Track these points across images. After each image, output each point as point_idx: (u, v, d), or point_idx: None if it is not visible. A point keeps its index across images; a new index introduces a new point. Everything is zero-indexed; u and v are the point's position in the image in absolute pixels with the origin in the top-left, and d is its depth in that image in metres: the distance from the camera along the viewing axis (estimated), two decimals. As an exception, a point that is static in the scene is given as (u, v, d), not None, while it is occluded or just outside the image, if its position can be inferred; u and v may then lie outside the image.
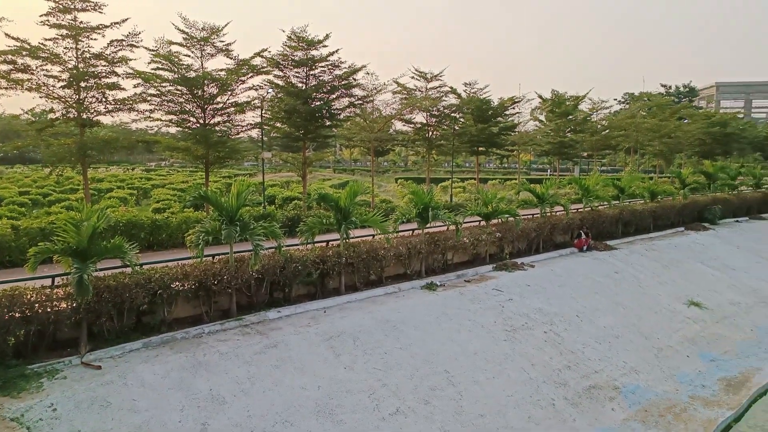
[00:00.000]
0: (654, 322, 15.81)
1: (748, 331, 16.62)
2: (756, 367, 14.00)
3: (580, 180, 23.54)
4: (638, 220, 23.59)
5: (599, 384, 12.07)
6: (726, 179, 31.39)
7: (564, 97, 36.28)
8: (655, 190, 25.61)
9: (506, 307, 14.14)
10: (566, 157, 39.55)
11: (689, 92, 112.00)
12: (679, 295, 18.06)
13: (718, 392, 12.51)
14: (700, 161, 46.24)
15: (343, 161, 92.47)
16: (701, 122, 45.81)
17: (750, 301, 19.09)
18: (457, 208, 21.01)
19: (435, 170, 53.33)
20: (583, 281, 16.96)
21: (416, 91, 25.89)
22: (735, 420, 11.60)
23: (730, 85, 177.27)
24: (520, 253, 18.64)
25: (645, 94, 55.37)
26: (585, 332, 14.15)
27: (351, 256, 13.45)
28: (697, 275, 20.06)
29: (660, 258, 20.60)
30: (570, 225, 20.32)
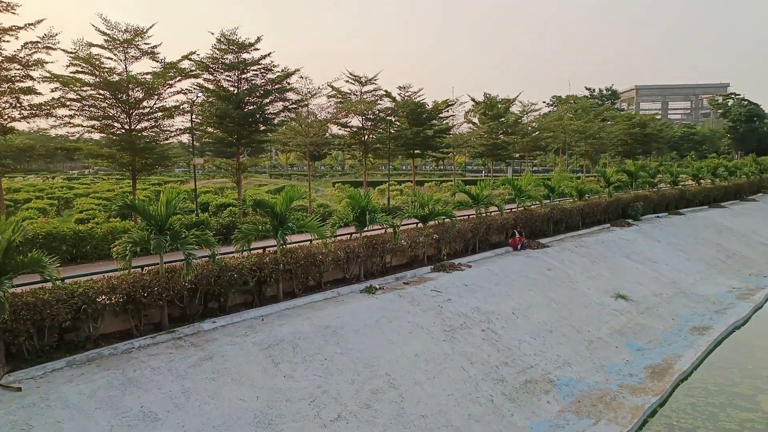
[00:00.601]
0: (585, 316, 16.44)
1: (670, 321, 17.58)
2: (677, 354, 14.81)
3: (513, 181, 24.20)
4: (568, 218, 24.49)
5: (535, 378, 12.42)
6: (646, 177, 33.12)
7: (496, 100, 37.30)
8: (583, 189, 26.69)
9: (445, 308, 14.31)
10: (499, 158, 40.65)
11: (611, 95, 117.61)
12: (607, 288, 18.86)
13: (644, 380, 13.15)
14: (622, 161, 48.74)
15: (280, 166, 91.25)
16: (623, 123, 48.32)
17: (671, 291, 20.19)
18: (394, 210, 21.13)
19: (372, 173, 53.54)
20: (518, 279, 17.42)
21: (351, 95, 25.92)
22: (660, 405, 12.22)
23: (648, 88, 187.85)
24: (458, 254, 18.95)
25: (571, 97, 57.83)
26: (521, 328, 14.53)
27: (289, 263, 13.25)
28: (623, 269, 21.02)
29: (588, 254, 21.46)
30: (504, 225, 20.84)
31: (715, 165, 42.85)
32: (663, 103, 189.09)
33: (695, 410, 12.08)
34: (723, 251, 26.92)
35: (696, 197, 35.44)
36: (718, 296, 20.64)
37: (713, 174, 40.45)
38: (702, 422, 11.54)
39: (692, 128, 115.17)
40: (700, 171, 39.88)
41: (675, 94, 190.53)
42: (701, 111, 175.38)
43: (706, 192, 36.78)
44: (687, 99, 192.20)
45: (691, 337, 16.31)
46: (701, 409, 12.12)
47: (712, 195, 37.19)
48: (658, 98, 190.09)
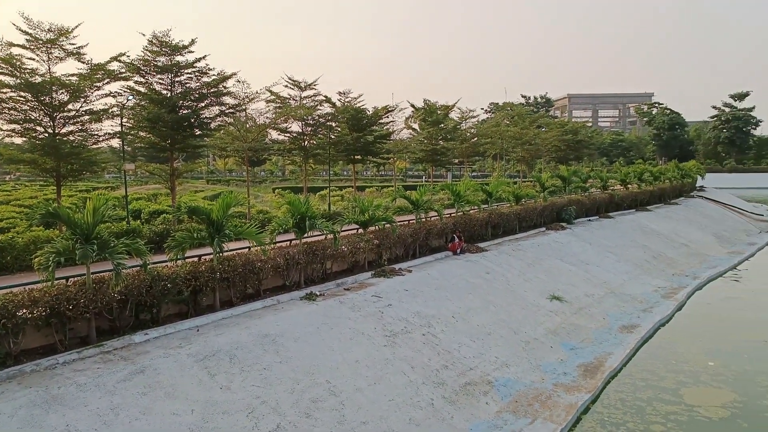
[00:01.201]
0: (522, 317, 16.86)
1: (601, 320, 18.29)
2: (608, 352, 15.42)
3: (452, 186, 24.59)
4: (506, 223, 25.11)
5: (474, 380, 12.62)
6: (578, 182, 34.47)
7: (435, 107, 37.89)
8: (519, 194, 27.46)
9: (386, 313, 14.33)
10: (439, 164, 41.27)
11: (546, 102, 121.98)
12: (543, 290, 19.43)
13: (577, 378, 13.60)
14: (557, 166, 50.54)
15: (217, 172, 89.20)
16: (556, 130, 50.19)
17: (602, 292, 21.04)
18: (335, 216, 21.02)
19: (313, 179, 53.16)
20: (457, 283, 17.67)
21: (290, 100, 25.65)
22: (592, 402, 12.66)
23: (580, 96, 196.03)
24: (398, 259, 19.05)
25: (508, 104, 59.52)
26: (460, 332, 14.73)
27: (226, 271, 12.93)
28: (558, 271, 21.72)
29: (525, 257, 22.06)
30: (444, 229, 21.12)
31: (641, 170, 45.09)
32: (594, 111, 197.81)
33: (624, 405, 12.59)
34: (649, 252, 28.32)
35: (624, 201, 37.16)
36: (645, 295, 21.66)
37: (639, 179, 42.55)
38: (631, 416, 12.03)
39: (620, 135, 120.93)
40: (628, 176, 41.87)
41: (604, 103, 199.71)
42: (628, 119, 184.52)
43: (633, 196, 38.65)
44: (615, 107, 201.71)
45: (621, 335, 17.02)
46: (630, 404, 12.65)
47: (638, 199, 39.12)
48: (589, 106, 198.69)
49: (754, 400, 12.75)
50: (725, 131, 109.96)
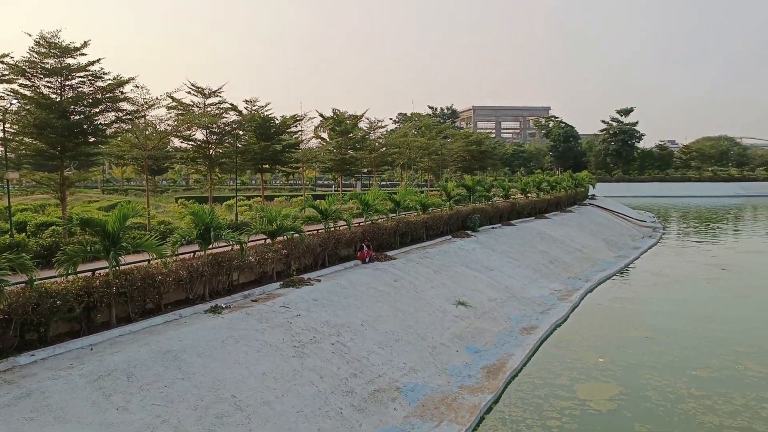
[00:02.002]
0: (429, 323, 17.29)
1: (504, 323, 19.14)
2: (510, 353, 16.16)
3: (360, 195, 24.82)
4: (413, 231, 25.66)
5: (383, 387, 12.78)
6: (482, 191, 35.92)
7: (344, 116, 38.12)
8: (426, 203, 28.19)
9: (294, 323, 14.20)
10: (348, 173, 41.50)
11: (452, 114, 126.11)
12: (449, 296, 20.05)
13: (480, 379, 14.15)
14: (462, 176, 52.41)
15: (114, 180, 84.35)
16: (461, 141, 52.10)
17: (504, 296, 22.02)
18: (242, 226, 20.55)
19: (219, 189, 51.64)
20: (366, 291, 17.84)
21: (194, 107, 24.81)
22: (495, 402, 13.22)
23: (484, 108, 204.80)
24: (307, 269, 18.94)
25: (415, 115, 60.99)
26: (369, 339, 14.87)
27: (123, 285, 12.28)
28: (463, 277, 22.50)
29: (432, 264, 22.66)
30: (353, 238, 21.26)
31: (539, 180, 47.75)
32: (497, 122, 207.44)
33: (524, 403, 13.25)
34: (547, 257, 30.00)
35: (524, 209, 39.17)
36: (543, 298, 22.92)
37: (538, 188, 45.04)
38: (530, 414, 12.68)
39: (521, 146, 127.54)
40: (527, 185, 44.20)
41: (507, 115, 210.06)
42: (529, 131, 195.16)
43: (532, 204, 40.83)
44: (517, 120, 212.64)
45: (521, 336, 17.89)
46: (529, 402, 13.32)
47: (537, 207, 41.38)
48: (492, 118, 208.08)
49: (637, 392, 13.84)
50: (613, 144, 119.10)
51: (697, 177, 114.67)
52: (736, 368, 15.42)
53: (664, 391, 13.87)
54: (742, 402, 13.14)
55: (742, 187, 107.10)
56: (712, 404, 13.03)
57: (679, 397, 13.51)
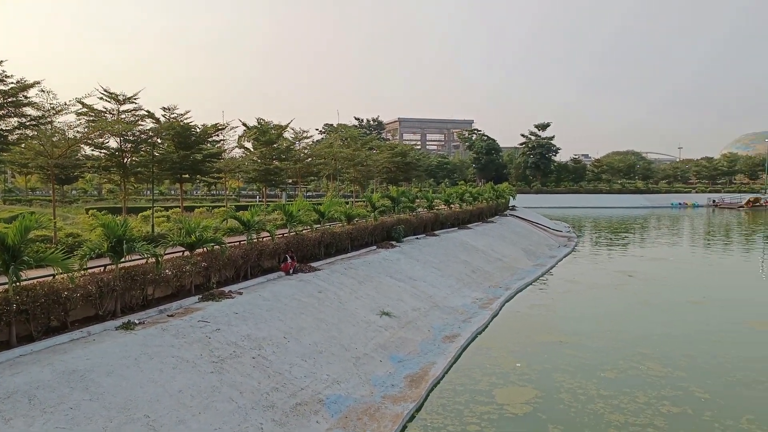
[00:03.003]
0: (353, 334, 17.29)
1: (427, 332, 19.43)
2: (432, 362, 16.42)
3: (285, 206, 24.53)
4: (338, 242, 25.62)
5: (305, 400, 12.63)
6: (407, 202, 36.43)
7: (268, 126, 37.60)
8: (351, 214, 28.25)
9: (213, 338, 13.79)
10: (273, 183, 40.92)
11: (378, 125, 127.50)
12: (373, 307, 20.14)
13: (403, 388, 14.28)
14: (387, 187, 52.96)
15: (17, 190, 78.80)
16: (387, 152, 52.71)
17: (427, 306, 22.38)
18: (158, 238, 19.75)
19: (135, 199, 49.40)
20: (290, 303, 17.61)
21: (107, 113, 23.66)
22: (417, 410, 13.38)
23: (409, 120, 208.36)
24: (229, 281, 18.47)
25: (341, 126, 61.11)
26: (292, 352, 14.67)
27: (24, 302, 11.48)
28: (387, 288, 22.68)
29: (357, 275, 22.70)
30: (277, 250, 20.95)
31: (462, 191, 49.03)
32: (422, 134, 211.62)
33: (445, 410, 13.49)
34: (469, 267, 30.80)
35: (448, 220, 40.07)
36: (465, 307, 23.49)
37: (461, 199, 46.23)
38: (451, 420, 12.92)
39: (445, 158, 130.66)
40: (451, 197, 45.27)
41: (432, 127, 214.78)
42: (453, 143, 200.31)
43: (456, 215, 41.85)
44: (441, 132, 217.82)
45: (444, 345, 18.23)
46: (450, 408, 13.58)
47: (460, 218, 42.44)
48: (418, 130, 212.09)
49: (551, 394, 14.44)
50: (532, 157, 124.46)
51: (608, 189, 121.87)
52: (639, 369, 16.42)
53: (575, 392, 14.54)
54: (645, 400, 14.00)
55: (647, 198, 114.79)
56: (619, 403, 13.79)
57: (589, 398, 14.20)
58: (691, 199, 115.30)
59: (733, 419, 12.94)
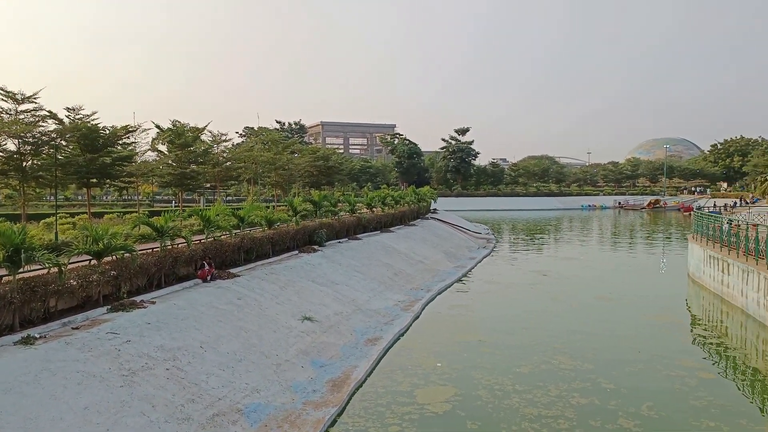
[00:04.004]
0: (273, 341, 16.98)
1: (349, 336, 19.42)
2: (354, 365, 16.43)
3: (202, 211, 23.76)
4: (258, 247, 25.11)
5: (223, 411, 12.26)
6: (329, 206, 36.30)
7: (184, 128, 36.26)
8: (272, 218, 27.77)
9: (123, 350, 13.11)
10: (190, 188, 39.55)
11: (300, 129, 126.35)
12: (295, 312, 19.89)
13: (325, 394, 14.19)
14: (309, 191, 52.59)
15: None
16: (309, 156, 52.33)
17: (350, 309, 22.38)
18: (62, 247, 18.54)
19: (37, 205, 46.12)
20: (207, 311, 17.05)
21: (2, 113, 21.95)
22: (339, 414, 13.33)
23: (332, 124, 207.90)
24: (141, 290, 17.63)
25: (262, 129, 60.03)
26: (209, 362, 14.21)
27: None
28: (309, 292, 22.48)
29: (278, 280, 22.35)
30: (193, 256, 20.24)
31: (384, 195, 49.47)
32: (345, 138, 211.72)
33: (367, 413, 13.53)
34: (391, 270, 31.11)
35: (370, 223, 40.28)
36: (387, 309, 23.69)
37: (383, 203, 46.63)
38: (372, 422, 12.98)
39: (368, 162, 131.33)
40: (373, 200, 45.57)
41: (354, 131, 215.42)
42: (375, 147, 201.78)
43: (378, 219, 42.14)
44: (364, 136, 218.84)
45: (366, 348, 18.29)
46: (372, 411, 13.64)
47: (383, 221, 42.79)
48: (340, 134, 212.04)
49: (469, 392, 14.84)
50: (452, 161, 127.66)
51: (524, 192, 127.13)
52: (552, 363, 17.20)
53: (492, 389, 15.02)
54: (557, 393, 14.68)
55: (560, 201, 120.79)
56: (533, 397, 14.38)
57: (505, 393, 14.71)
58: (600, 201, 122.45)
59: (635, 407, 13.82)
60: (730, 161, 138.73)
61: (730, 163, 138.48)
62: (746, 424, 13.05)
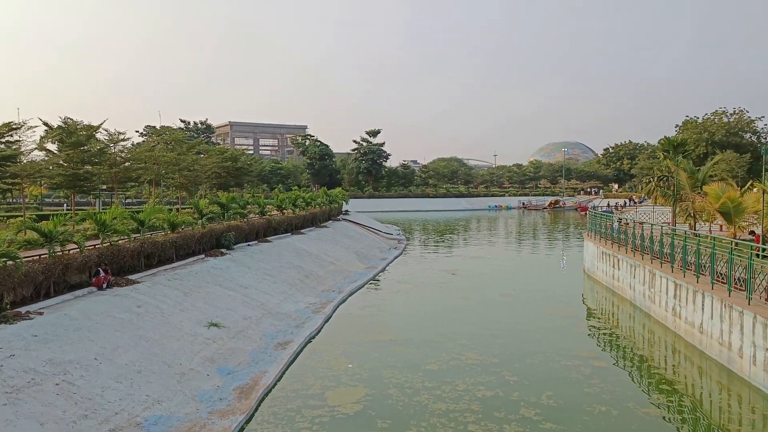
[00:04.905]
0: (177, 349, 16.23)
1: (258, 340, 18.96)
2: (263, 371, 16.05)
3: (96, 214, 22.27)
4: (161, 252, 23.93)
5: (120, 425, 11.55)
6: (237, 208, 35.24)
7: (76, 126, 33.79)
8: (176, 222, 26.54)
9: (6, 366, 12.01)
10: (84, 190, 36.97)
11: (207, 129, 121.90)
12: (201, 318, 19.13)
13: (232, 401, 13.75)
14: (217, 193, 50.84)
15: None
16: (216, 157, 50.54)
17: (259, 313, 21.85)
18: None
19: None
20: (102, 321, 16.00)
21: None
22: (247, 421, 12.97)
23: (241, 124, 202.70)
24: (27, 301, 16.23)
25: (165, 129, 57.28)
26: (105, 374, 13.33)
27: None
28: (216, 297, 21.71)
29: (182, 286, 21.40)
30: (87, 263, 18.91)
31: (295, 197, 48.83)
32: (255, 139, 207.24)
33: (277, 418, 13.26)
34: (302, 272, 30.74)
35: (281, 225, 39.60)
36: (298, 312, 23.38)
37: (294, 204, 46.01)
38: (282, 428, 12.74)
39: (279, 164, 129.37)
40: (284, 202, 44.83)
41: (265, 132, 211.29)
42: (287, 148, 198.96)
43: (289, 221, 41.51)
44: (275, 137, 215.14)
45: (276, 352, 17.93)
46: (281, 416, 13.38)
47: (293, 223, 42.20)
48: (250, 135, 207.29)
49: (380, 391, 14.94)
50: (364, 162, 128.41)
51: (435, 193, 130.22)
52: (460, 359, 17.71)
53: (403, 387, 15.21)
54: (464, 387, 15.12)
55: (468, 202, 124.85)
56: (441, 393, 14.70)
57: (414, 391, 14.94)
58: (505, 202, 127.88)
59: (536, 396, 14.52)
60: (620, 164, 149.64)
61: (620, 166, 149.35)
62: (633, 407, 14.07)
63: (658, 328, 21.92)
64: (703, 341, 18.27)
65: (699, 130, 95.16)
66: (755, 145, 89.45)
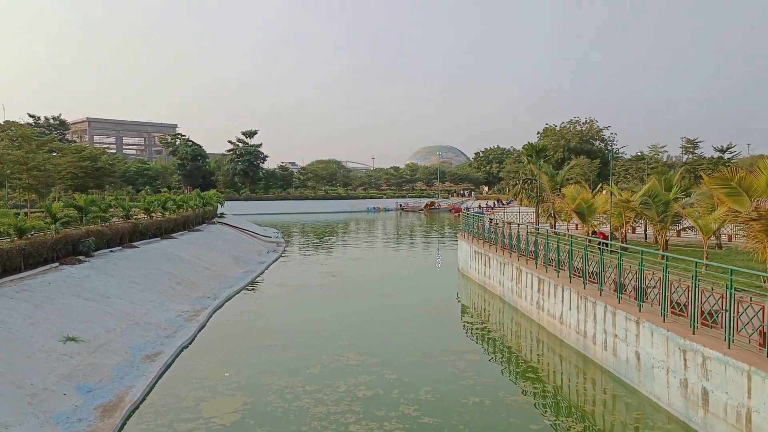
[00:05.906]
0: (27, 367, 14.53)
1: (124, 354, 17.53)
2: (130, 386, 14.86)
3: (-76, 219, 19.35)
4: (6, 261, 21.35)
5: (-46, 460, 10.06)
6: (98, 212, 32.47)
7: None
8: (24, 227, 23.82)
9: None
10: None
11: (60, 125, 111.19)
12: (55, 332, 17.31)
13: (94, 421, 12.56)
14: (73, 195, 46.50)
15: None
16: (72, 156, 46.22)
17: (124, 325, 20.24)
18: None
19: None
20: (-69, 341, 13.91)
21: None
22: (112, 443, 11.91)
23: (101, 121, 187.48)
24: None
25: (11, 124, 51.30)
26: (-66, 403, 11.57)
27: None
28: (74, 309, 19.79)
29: (32, 298, 19.24)
30: None
31: (164, 199, 46.03)
32: (118, 138, 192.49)
33: (145, 436, 12.31)
34: (174, 279, 29.00)
35: (149, 229, 37.08)
36: (169, 321, 21.99)
37: (163, 207, 43.37)
38: (151, 446, 11.83)
39: (146, 164, 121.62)
40: (152, 205, 42.08)
41: (129, 130, 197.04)
42: (155, 148, 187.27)
43: (157, 224, 38.99)
44: (141, 136, 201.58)
45: (143, 365, 16.69)
46: (151, 433, 12.45)
47: (163, 227, 39.72)
48: (112, 132, 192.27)
49: (259, 398, 14.46)
50: (240, 164, 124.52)
51: (314, 195, 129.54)
52: (340, 360, 17.65)
53: (283, 393, 14.84)
54: (345, 389, 15.08)
55: (347, 204, 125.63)
56: (322, 396, 14.54)
57: (295, 395, 14.64)
58: (383, 203, 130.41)
59: (415, 393, 14.85)
60: (490, 167, 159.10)
61: (490, 169, 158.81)
62: (504, 395, 14.90)
63: (524, 320, 23.48)
64: (563, 331, 19.86)
65: (557, 136, 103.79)
66: (603, 152, 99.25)
